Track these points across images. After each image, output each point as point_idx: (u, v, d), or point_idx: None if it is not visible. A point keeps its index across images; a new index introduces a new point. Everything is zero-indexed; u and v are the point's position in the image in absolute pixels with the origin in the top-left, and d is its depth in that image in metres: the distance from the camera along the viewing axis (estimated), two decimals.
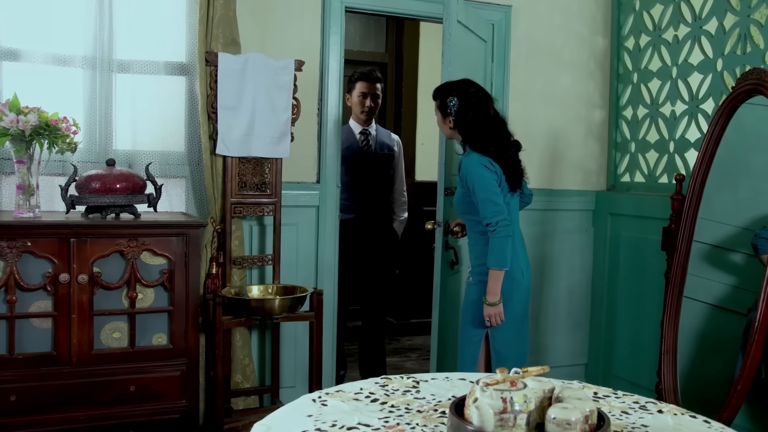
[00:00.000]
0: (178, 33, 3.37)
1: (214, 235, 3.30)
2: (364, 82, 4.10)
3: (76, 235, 2.73)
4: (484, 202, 2.84)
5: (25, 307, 2.69)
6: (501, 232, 2.81)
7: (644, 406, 1.80)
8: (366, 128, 4.17)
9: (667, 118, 3.82)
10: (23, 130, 2.73)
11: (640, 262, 3.90)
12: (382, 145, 4.22)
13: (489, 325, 2.92)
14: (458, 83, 3.02)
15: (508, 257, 2.84)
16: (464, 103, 2.93)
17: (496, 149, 2.91)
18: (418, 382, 1.92)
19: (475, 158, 2.89)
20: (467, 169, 2.89)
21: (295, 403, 1.72)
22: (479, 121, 2.92)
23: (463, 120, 2.93)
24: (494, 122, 2.96)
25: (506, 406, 1.44)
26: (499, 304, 2.89)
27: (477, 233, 2.99)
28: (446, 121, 3.00)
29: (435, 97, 3.06)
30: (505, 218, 2.83)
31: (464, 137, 2.96)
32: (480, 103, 2.94)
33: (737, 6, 3.37)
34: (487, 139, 2.91)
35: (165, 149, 3.37)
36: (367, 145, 4.17)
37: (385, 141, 4.26)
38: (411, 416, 1.65)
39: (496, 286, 2.87)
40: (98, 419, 2.78)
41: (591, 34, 4.20)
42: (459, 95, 2.94)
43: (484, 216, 2.84)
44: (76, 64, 3.21)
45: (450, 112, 2.96)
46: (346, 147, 4.08)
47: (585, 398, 1.49)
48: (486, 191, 2.84)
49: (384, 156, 4.23)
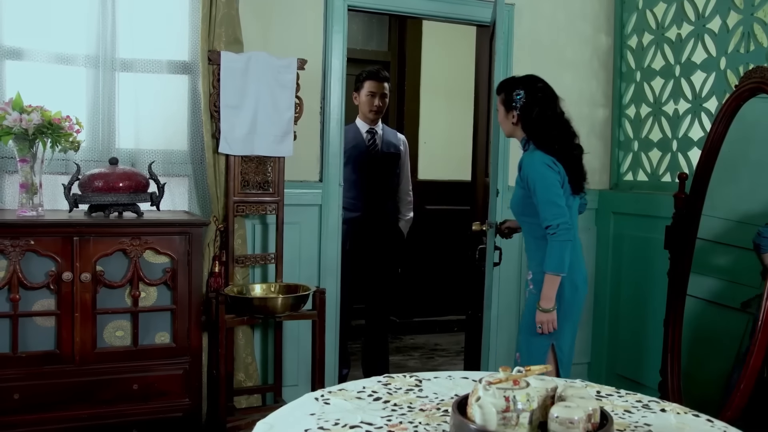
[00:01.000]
0: (181, 32, 3.37)
1: (217, 233, 3.30)
2: (372, 82, 4.11)
3: (79, 234, 2.73)
4: (545, 204, 2.72)
5: (28, 305, 2.70)
6: (561, 236, 2.69)
7: (647, 405, 1.79)
8: (373, 127, 4.19)
9: (670, 116, 3.81)
10: (26, 128, 2.74)
11: (643, 260, 3.90)
12: (388, 145, 4.24)
13: (540, 332, 2.79)
14: (525, 77, 2.93)
15: (566, 262, 2.72)
16: (531, 97, 2.84)
17: (561, 148, 2.80)
18: (420, 380, 1.92)
19: (539, 156, 2.79)
20: (529, 168, 2.79)
21: (298, 402, 1.73)
22: (546, 117, 2.82)
23: (528, 115, 2.83)
24: (560, 121, 2.86)
25: (509, 404, 1.44)
26: (553, 311, 2.76)
27: (537, 238, 2.85)
28: (509, 116, 2.90)
29: (499, 91, 2.96)
30: (567, 221, 2.72)
31: (528, 134, 2.86)
32: (547, 99, 2.85)
33: (741, 4, 3.37)
34: (552, 137, 2.80)
35: (168, 148, 3.38)
36: (374, 144, 4.18)
37: (391, 140, 4.27)
38: (414, 415, 1.65)
39: (551, 291, 2.74)
40: (101, 418, 2.78)
41: (594, 32, 4.20)
42: (526, 89, 2.85)
43: (545, 218, 2.72)
44: (79, 63, 3.21)
45: (515, 106, 2.86)
46: (353, 146, 4.09)
47: (588, 397, 1.49)
48: (548, 192, 2.73)
49: (390, 155, 4.24)
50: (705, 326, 3.26)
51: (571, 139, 2.87)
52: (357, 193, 4.11)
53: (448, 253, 5.86)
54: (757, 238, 2.98)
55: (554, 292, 2.74)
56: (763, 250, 2.95)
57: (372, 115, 4.14)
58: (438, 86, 6.10)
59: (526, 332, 2.90)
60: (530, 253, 2.95)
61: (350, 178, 4.09)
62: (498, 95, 2.97)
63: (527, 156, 2.85)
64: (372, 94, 4.11)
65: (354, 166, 4.10)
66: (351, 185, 4.08)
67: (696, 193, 3.20)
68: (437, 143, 6.10)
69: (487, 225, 3.35)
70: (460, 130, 5.58)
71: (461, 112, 5.58)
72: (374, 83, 4.11)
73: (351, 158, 4.08)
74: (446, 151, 6.01)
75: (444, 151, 6.04)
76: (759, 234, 2.99)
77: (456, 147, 5.72)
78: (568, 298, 2.81)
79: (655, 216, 3.74)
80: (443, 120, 6.11)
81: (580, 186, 2.87)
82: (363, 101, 4.14)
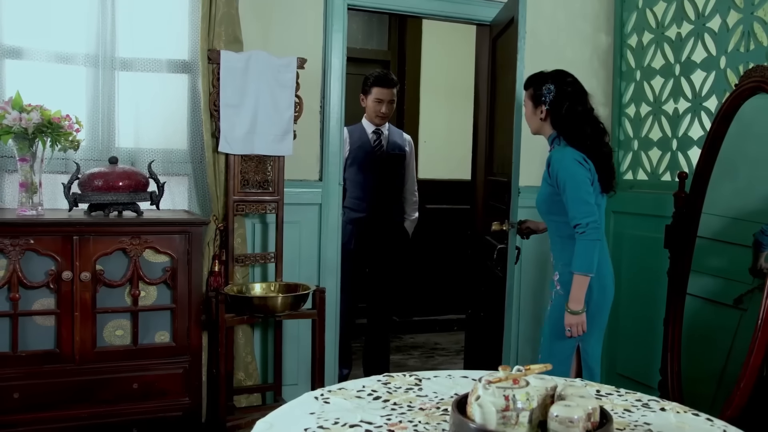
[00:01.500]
0: (181, 31, 3.37)
1: (217, 232, 3.29)
2: (380, 89, 4.12)
3: (78, 233, 2.73)
4: (575, 202, 2.64)
5: (28, 304, 2.70)
6: (590, 235, 2.61)
7: (647, 404, 1.79)
8: (379, 128, 4.20)
9: (670, 115, 3.81)
10: (26, 128, 2.74)
11: (643, 260, 3.89)
12: (394, 145, 4.24)
13: (569, 335, 2.72)
14: (553, 72, 2.86)
15: (595, 262, 2.64)
16: (561, 91, 2.78)
17: (593, 144, 2.74)
18: (420, 379, 1.92)
19: (570, 153, 2.72)
20: (560, 165, 2.71)
21: (298, 401, 1.73)
22: (576, 113, 2.76)
23: (558, 110, 2.77)
24: (591, 117, 2.81)
25: (509, 403, 1.44)
26: (583, 313, 2.68)
27: (565, 237, 2.78)
28: (537, 112, 2.84)
29: (527, 85, 2.91)
30: (596, 220, 2.64)
31: (559, 129, 2.80)
32: (577, 94, 2.80)
33: (741, 3, 3.36)
34: (585, 134, 2.74)
35: (168, 147, 3.38)
36: (380, 144, 4.20)
37: (397, 141, 4.28)
38: (413, 414, 1.65)
39: (580, 293, 2.65)
40: (101, 417, 2.79)
41: (594, 31, 4.19)
42: (556, 83, 2.79)
43: (574, 216, 2.65)
44: (79, 62, 3.21)
45: (544, 101, 2.79)
46: (359, 146, 4.12)
47: (587, 396, 1.49)
48: (579, 190, 2.65)
49: (395, 156, 4.25)
50: (700, 324, 3.26)
51: (601, 136, 2.81)
52: (362, 194, 4.13)
53: (448, 252, 5.87)
54: (760, 236, 2.96)
55: (583, 294, 2.66)
56: (764, 248, 2.94)
57: (378, 120, 4.17)
58: (438, 85, 6.10)
59: (549, 334, 2.84)
60: (557, 253, 2.88)
61: (355, 179, 4.12)
62: (525, 90, 2.92)
63: (557, 152, 2.77)
64: (379, 101, 4.12)
65: (359, 167, 4.12)
66: (356, 185, 4.11)
67: (696, 192, 3.20)
68: (437, 142, 6.10)
69: (509, 225, 3.32)
70: (459, 129, 5.57)
71: (461, 111, 5.58)
72: (382, 90, 4.13)
73: (357, 158, 4.11)
74: (446, 150, 6.01)
75: (444, 150, 6.05)
76: (762, 232, 2.96)
77: (456, 146, 5.72)
78: (596, 299, 2.75)
79: (655, 215, 3.74)
80: (443, 119, 6.12)
81: (609, 185, 2.81)
82: (369, 106, 4.16)
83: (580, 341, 2.78)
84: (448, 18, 4.01)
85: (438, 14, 3.92)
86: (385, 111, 4.14)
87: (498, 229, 3.36)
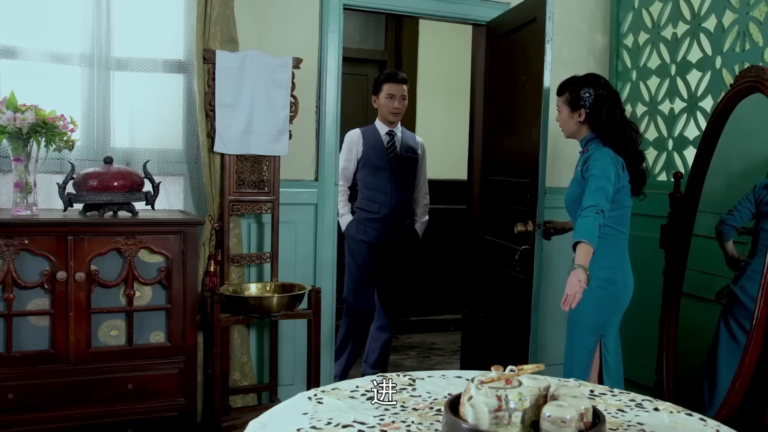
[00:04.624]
0: (176, 30, 3.36)
1: (213, 232, 3.29)
2: (391, 84, 4.09)
3: (73, 233, 2.73)
4: (596, 191, 2.66)
5: (22, 305, 2.70)
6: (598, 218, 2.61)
7: (640, 404, 1.79)
8: (392, 129, 4.17)
9: (665, 115, 3.81)
10: (20, 127, 2.73)
11: (639, 260, 3.87)
12: (407, 147, 4.21)
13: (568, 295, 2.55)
14: (588, 76, 2.92)
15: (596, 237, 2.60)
16: (598, 96, 2.83)
17: (633, 148, 2.82)
18: (414, 380, 1.92)
19: (607, 152, 2.77)
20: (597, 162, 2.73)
21: (291, 401, 1.72)
22: (616, 116, 2.82)
23: (598, 113, 2.82)
24: (627, 120, 2.88)
25: (501, 404, 1.44)
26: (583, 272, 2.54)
27: None
28: (574, 115, 2.88)
29: (562, 90, 2.94)
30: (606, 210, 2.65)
31: (598, 132, 2.84)
32: (613, 97, 2.86)
33: (736, 3, 3.37)
34: (625, 136, 2.80)
35: (163, 147, 3.37)
36: (393, 146, 4.17)
37: (410, 143, 4.25)
38: (407, 414, 1.65)
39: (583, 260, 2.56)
40: (96, 417, 2.78)
41: (590, 31, 4.20)
42: (593, 87, 2.84)
43: (588, 198, 2.65)
44: (74, 62, 3.20)
45: (583, 105, 2.84)
46: (372, 148, 4.12)
47: (580, 396, 1.49)
48: (603, 182, 2.67)
49: (409, 158, 4.22)
50: (690, 321, 3.27)
51: (636, 139, 2.86)
52: (374, 195, 4.12)
53: (445, 252, 5.86)
54: (720, 225, 3.00)
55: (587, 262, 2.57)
56: (726, 237, 2.97)
57: (391, 117, 4.11)
58: (435, 85, 6.09)
59: (571, 330, 2.89)
60: None
61: (368, 180, 4.13)
62: (559, 96, 2.95)
63: (597, 153, 2.79)
64: (391, 96, 4.09)
65: (372, 169, 4.11)
66: (369, 187, 4.12)
67: (691, 191, 3.21)
68: (433, 142, 6.06)
69: (534, 225, 3.31)
70: (456, 129, 5.57)
71: (457, 111, 5.58)
72: (393, 85, 4.09)
73: (369, 160, 4.11)
74: (442, 150, 6.00)
75: (440, 150, 6.03)
76: (722, 221, 3.00)
77: (452, 146, 5.72)
78: (620, 296, 2.81)
79: (651, 215, 3.74)
80: (440, 119, 6.11)
81: (640, 188, 2.88)
82: (382, 104, 4.11)
83: (602, 337, 2.83)
84: (444, 18, 4.01)
85: (434, 14, 3.92)
86: (398, 106, 4.09)
87: (523, 229, 3.34)
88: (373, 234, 4.12)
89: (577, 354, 2.86)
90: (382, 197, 4.12)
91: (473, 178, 4.24)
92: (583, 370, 2.82)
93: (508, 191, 3.69)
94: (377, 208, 4.12)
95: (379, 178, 4.12)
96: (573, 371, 2.83)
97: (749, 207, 2.98)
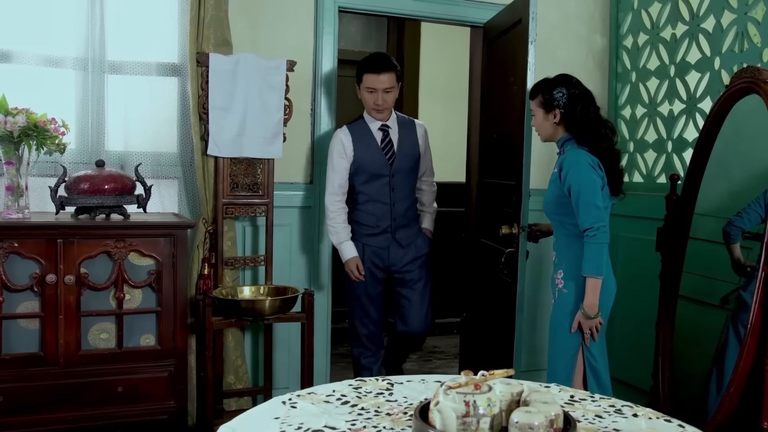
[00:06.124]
0: (170, 34, 3.37)
1: (207, 235, 3.29)
2: (370, 75, 3.35)
3: (62, 236, 2.73)
4: (587, 206, 2.66)
5: (12, 307, 2.71)
6: (600, 238, 2.65)
7: (620, 409, 1.77)
8: (385, 123, 3.45)
9: (665, 117, 3.77)
10: (11, 131, 2.74)
11: (638, 263, 3.85)
12: (407, 143, 3.50)
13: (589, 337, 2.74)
14: (559, 77, 2.88)
15: (604, 265, 2.68)
16: (571, 95, 2.80)
17: (608, 146, 2.78)
18: (392, 384, 1.91)
19: (583, 157, 2.73)
20: (575, 168, 2.71)
21: (265, 405, 1.72)
22: (590, 114, 2.79)
23: (572, 112, 2.78)
24: (602, 118, 2.85)
25: (469, 409, 1.42)
26: (598, 316, 2.70)
27: (573, 236, 2.79)
28: (549, 117, 2.84)
29: (535, 93, 2.90)
30: (606, 225, 2.68)
31: (573, 132, 2.80)
32: (586, 96, 2.83)
33: (735, 4, 3.33)
34: (599, 134, 2.77)
35: (157, 150, 3.37)
36: (390, 145, 3.46)
37: (408, 136, 3.51)
38: (379, 419, 1.64)
39: (595, 297, 2.68)
40: (86, 420, 2.79)
41: (589, 32, 4.16)
42: (565, 87, 2.81)
43: (585, 220, 2.67)
44: (68, 66, 3.21)
45: (558, 104, 2.80)
46: (365, 149, 3.40)
47: (552, 402, 1.47)
48: (592, 195, 2.67)
49: (409, 156, 3.50)
50: (687, 325, 3.23)
51: (613, 137, 2.84)
52: (374, 207, 3.45)
53: (445, 255, 5.82)
54: (728, 227, 2.95)
55: (597, 297, 2.68)
56: (733, 240, 2.93)
57: (375, 114, 3.42)
58: (436, 88, 6.07)
59: (554, 333, 2.86)
60: (562, 251, 2.88)
61: (365, 191, 3.45)
62: (533, 99, 2.91)
63: (571, 155, 2.77)
64: (370, 91, 3.37)
65: (368, 176, 3.43)
66: (367, 199, 3.45)
67: (687, 194, 3.16)
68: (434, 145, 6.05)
69: (518, 228, 3.28)
70: (457, 131, 5.54)
71: (458, 113, 5.54)
72: (372, 77, 3.34)
73: (364, 166, 3.41)
74: (443, 152, 5.95)
75: (441, 152, 5.98)
76: (730, 223, 2.96)
77: (453, 149, 5.69)
78: (601, 299, 2.75)
79: (650, 218, 3.70)
80: (440, 122, 6.09)
81: (618, 188, 2.85)
82: (364, 98, 3.42)
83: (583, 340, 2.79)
84: (440, 20, 4.00)
85: (430, 16, 3.90)
86: (380, 102, 3.36)
87: (507, 232, 3.31)
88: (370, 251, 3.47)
89: (560, 358, 2.83)
90: (381, 209, 3.46)
91: (471, 180, 4.23)
92: (566, 375, 2.78)
93: (498, 193, 3.66)
94: (375, 221, 3.46)
95: (375, 186, 3.44)
96: (556, 376, 2.79)
97: (759, 211, 2.93)
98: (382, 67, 3.35)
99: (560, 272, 2.87)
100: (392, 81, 3.39)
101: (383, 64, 3.37)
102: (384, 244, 3.48)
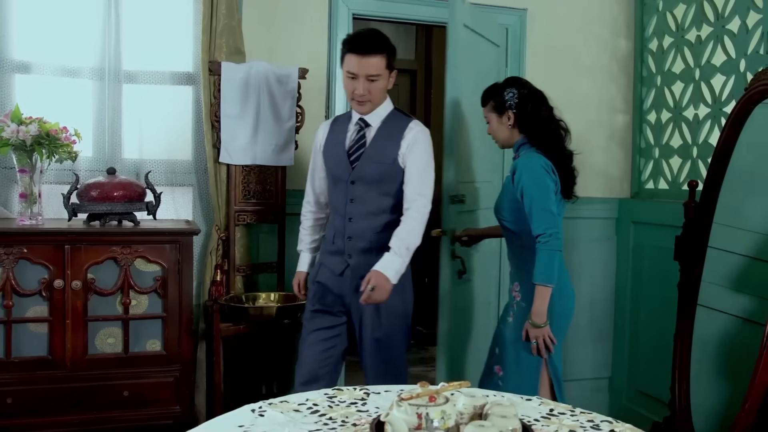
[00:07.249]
0: (185, 43, 3.42)
1: (219, 242, 3.32)
2: (352, 56, 2.59)
3: (70, 242, 2.79)
4: (541, 211, 2.57)
5: (21, 311, 2.77)
6: (553, 245, 2.55)
7: (598, 425, 1.70)
8: (363, 118, 2.69)
9: (690, 122, 3.65)
10: (24, 140, 2.82)
11: (664, 272, 3.72)
12: (381, 147, 2.66)
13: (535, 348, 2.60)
14: (507, 80, 2.85)
15: (556, 273, 2.57)
16: (522, 95, 2.74)
17: (562, 147, 2.71)
18: (368, 393, 1.87)
19: (537, 160, 2.65)
20: (526, 172, 2.63)
21: (232, 414, 1.70)
22: (541, 112, 2.72)
23: (524, 112, 2.72)
24: (554, 118, 2.77)
25: (421, 422, 1.38)
26: (546, 326, 2.59)
27: (525, 247, 2.67)
28: (503, 119, 2.77)
29: (486, 99, 2.84)
30: (559, 231, 2.58)
31: (527, 132, 2.73)
32: (536, 95, 2.76)
33: (760, 3, 3.20)
34: (549, 131, 2.70)
35: (172, 158, 3.43)
36: (359, 145, 2.69)
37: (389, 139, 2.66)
38: (345, 429, 1.61)
39: (543, 305, 2.56)
40: (92, 423, 2.83)
41: (612, 36, 4.06)
42: (516, 87, 2.76)
43: (537, 226, 2.57)
44: (85, 76, 3.29)
45: (509, 105, 2.74)
46: (333, 145, 2.74)
47: (511, 416, 1.42)
48: (544, 199, 2.59)
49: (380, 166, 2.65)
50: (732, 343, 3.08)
51: (565, 136, 2.76)
52: (333, 218, 2.76)
53: None
54: None
55: (546, 306, 2.58)
56: None
57: (356, 105, 2.66)
58: None
59: (515, 348, 2.72)
60: (518, 262, 2.78)
61: (330, 197, 2.80)
62: (485, 106, 2.85)
63: (525, 160, 2.69)
64: (351, 77, 2.61)
65: (331, 178, 2.76)
66: (332, 208, 2.78)
67: (706, 201, 3.04)
68: None
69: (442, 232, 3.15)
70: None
71: None
72: (354, 59, 2.58)
73: (327, 164, 2.78)
74: None
75: None
76: None
77: None
78: (558, 310, 2.66)
79: (675, 226, 3.57)
80: None
81: (571, 190, 2.75)
82: (344, 85, 2.69)
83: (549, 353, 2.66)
84: None
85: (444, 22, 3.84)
86: (362, 92, 2.60)
87: (437, 235, 3.17)
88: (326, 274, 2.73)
89: (524, 373, 2.68)
90: (339, 222, 2.71)
91: None
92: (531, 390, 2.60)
93: None
94: (332, 236, 2.74)
95: (336, 193, 2.74)
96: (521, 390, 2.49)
97: None
98: (369, 47, 2.58)
99: (516, 284, 2.77)
100: (380, 67, 2.59)
101: (370, 44, 2.59)
102: (338, 268, 2.70)
